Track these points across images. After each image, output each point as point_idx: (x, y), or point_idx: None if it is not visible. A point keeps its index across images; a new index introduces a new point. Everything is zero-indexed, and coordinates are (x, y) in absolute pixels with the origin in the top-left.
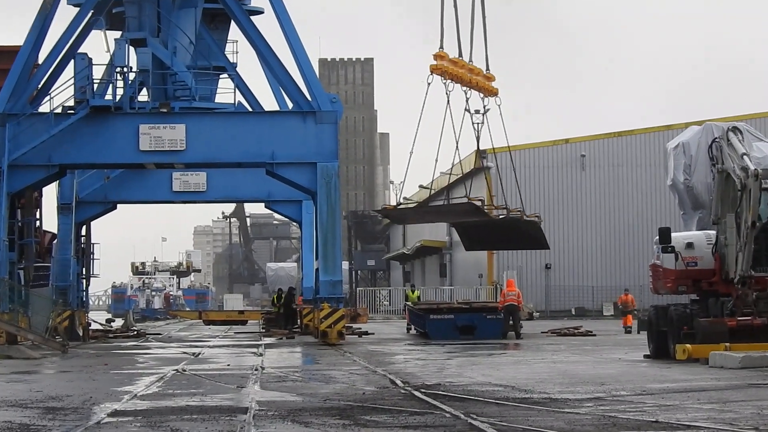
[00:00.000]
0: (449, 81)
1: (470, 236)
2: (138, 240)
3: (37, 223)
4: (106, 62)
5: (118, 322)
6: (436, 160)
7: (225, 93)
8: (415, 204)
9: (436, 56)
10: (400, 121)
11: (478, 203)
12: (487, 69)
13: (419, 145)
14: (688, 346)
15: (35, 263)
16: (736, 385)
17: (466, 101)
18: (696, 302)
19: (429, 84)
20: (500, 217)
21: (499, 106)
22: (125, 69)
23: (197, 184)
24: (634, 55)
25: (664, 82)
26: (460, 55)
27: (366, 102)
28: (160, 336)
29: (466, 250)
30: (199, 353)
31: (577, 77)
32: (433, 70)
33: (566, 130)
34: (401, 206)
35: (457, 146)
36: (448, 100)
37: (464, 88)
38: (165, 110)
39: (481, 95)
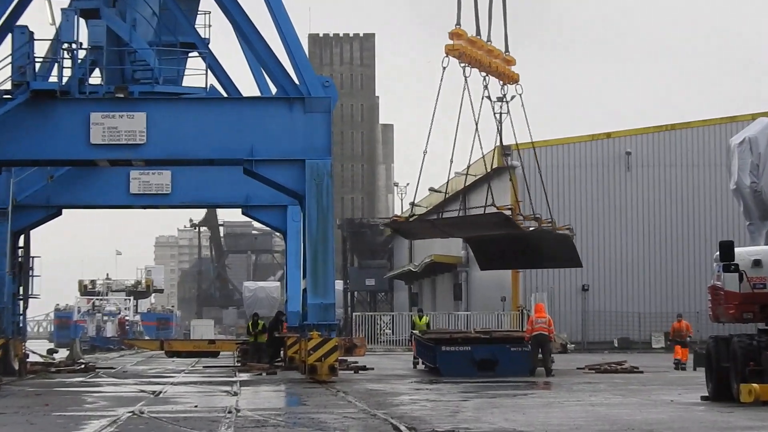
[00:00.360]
0: (467, 65)
1: (487, 253)
2: (87, 253)
3: None
4: (51, 37)
5: (63, 354)
6: (452, 160)
7: (195, 75)
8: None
9: (452, 34)
10: (406, 111)
11: (508, 212)
12: (507, 50)
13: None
14: (755, 386)
15: None
16: None
17: (485, 88)
18: (765, 332)
19: (444, 68)
20: (530, 229)
21: (520, 95)
22: (74, 45)
23: (160, 185)
24: (691, 32)
25: (728, 66)
26: (478, 33)
27: (366, 87)
28: (113, 370)
29: (482, 270)
30: (161, 392)
31: (621, 58)
32: (449, 51)
33: (608, 123)
34: (413, 218)
35: (477, 139)
36: (466, 86)
37: (482, 73)
38: (122, 95)
39: (501, 82)
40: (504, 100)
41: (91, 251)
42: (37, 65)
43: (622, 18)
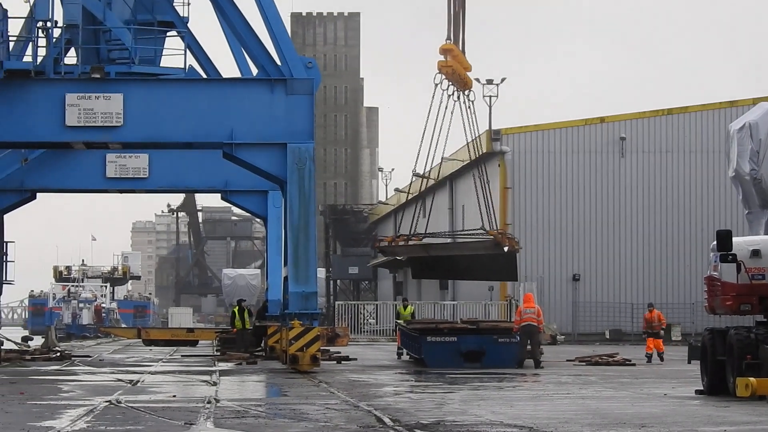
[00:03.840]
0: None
1: (421, 262)
2: (62, 239)
3: None
4: (25, 15)
5: (37, 341)
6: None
7: (173, 55)
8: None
9: (444, 50)
10: (392, 93)
11: (499, 238)
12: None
13: (413, 124)
14: (752, 379)
15: None
16: None
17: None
18: (762, 325)
19: (437, 85)
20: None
21: (472, 102)
22: (49, 24)
23: (137, 169)
24: (689, 11)
25: (729, 48)
26: (452, 39)
27: (350, 68)
28: (89, 359)
29: (413, 278)
30: (138, 381)
31: (616, 39)
32: (442, 67)
33: (602, 106)
34: (403, 243)
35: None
36: (446, 101)
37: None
38: (98, 76)
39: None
40: (495, 82)
41: (66, 236)
42: (11, 44)
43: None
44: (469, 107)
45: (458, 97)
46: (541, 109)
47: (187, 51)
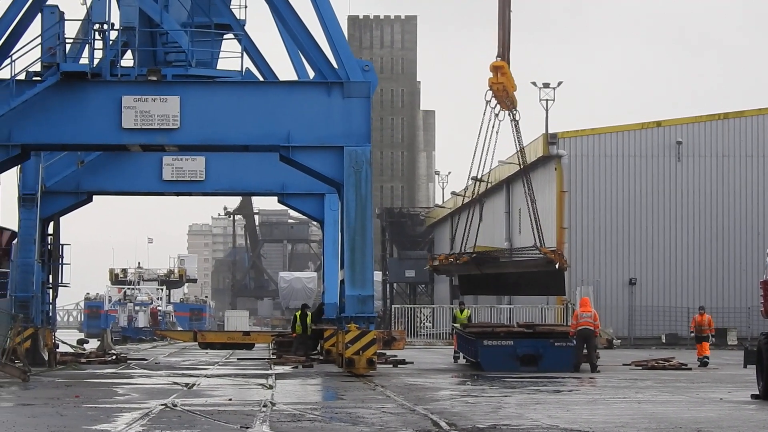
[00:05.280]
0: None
1: (470, 278)
2: (118, 241)
3: None
4: (82, 17)
5: (93, 344)
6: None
7: (230, 58)
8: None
9: (494, 67)
10: (449, 97)
11: (551, 256)
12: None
13: (470, 127)
14: None
15: None
16: None
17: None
18: None
19: (488, 102)
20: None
21: (518, 121)
22: (105, 26)
23: (193, 171)
24: (746, 14)
25: None
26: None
27: (407, 71)
28: (145, 362)
29: (462, 294)
30: (194, 384)
31: (673, 42)
32: (493, 84)
33: (659, 111)
34: (453, 261)
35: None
36: (493, 120)
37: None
38: (154, 78)
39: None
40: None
41: (122, 239)
42: (68, 46)
43: (672, 2)
44: (516, 126)
45: (503, 117)
46: (598, 112)
47: (244, 54)
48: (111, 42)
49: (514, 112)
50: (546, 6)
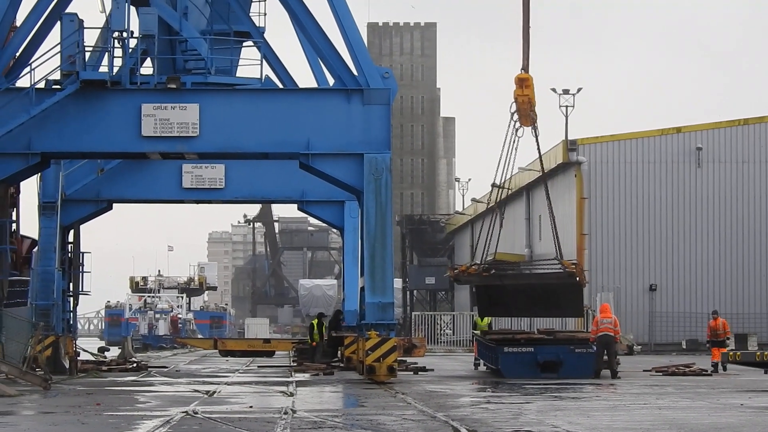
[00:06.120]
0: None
1: (489, 299)
2: (139, 249)
3: (13, 226)
4: (101, 26)
5: (114, 352)
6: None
7: (249, 65)
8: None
9: (519, 80)
10: (469, 103)
11: (573, 269)
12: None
13: (490, 134)
14: None
15: (10, 276)
16: None
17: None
18: None
19: (512, 114)
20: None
21: (537, 135)
22: (124, 34)
23: (213, 179)
24: (766, 19)
25: None
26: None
27: (426, 78)
28: (165, 369)
29: (480, 316)
30: (215, 392)
31: (692, 48)
32: (518, 97)
33: (678, 116)
34: (472, 270)
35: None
36: (515, 126)
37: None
38: (174, 86)
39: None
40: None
41: (142, 246)
42: (87, 54)
43: (692, 7)
44: (537, 140)
45: (522, 134)
46: (617, 118)
47: (263, 61)
48: (130, 50)
49: (536, 126)
50: (566, 12)
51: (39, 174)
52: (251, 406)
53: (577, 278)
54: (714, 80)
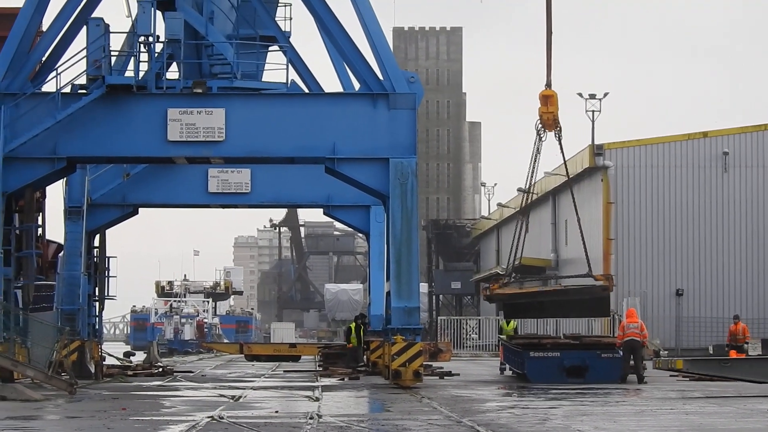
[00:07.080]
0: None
1: (515, 306)
2: (164, 253)
3: (39, 231)
4: (127, 30)
5: (139, 357)
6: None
7: (275, 70)
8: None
9: (544, 97)
10: (495, 108)
11: (605, 282)
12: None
13: (516, 139)
14: None
15: (36, 281)
16: None
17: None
18: None
19: (538, 131)
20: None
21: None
22: (150, 39)
23: (239, 183)
24: None
25: None
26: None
27: (452, 83)
28: (191, 374)
29: (505, 317)
30: (240, 396)
31: (718, 52)
32: (543, 114)
33: (705, 121)
34: (507, 288)
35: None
36: (541, 137)
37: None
38: (200, 91)
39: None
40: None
41: (167, 251)
42: (113, 59)
43: (717, 12)
44: (561, 148)
45: (545, 138)
46: (644, 123)
47: (289, 66)
48: (156, 54)
49: (560, 135)
50: (592, 17)
51: (65, 179)
52: (277, 411)
53: (610, 292)
54: (739, 85)
